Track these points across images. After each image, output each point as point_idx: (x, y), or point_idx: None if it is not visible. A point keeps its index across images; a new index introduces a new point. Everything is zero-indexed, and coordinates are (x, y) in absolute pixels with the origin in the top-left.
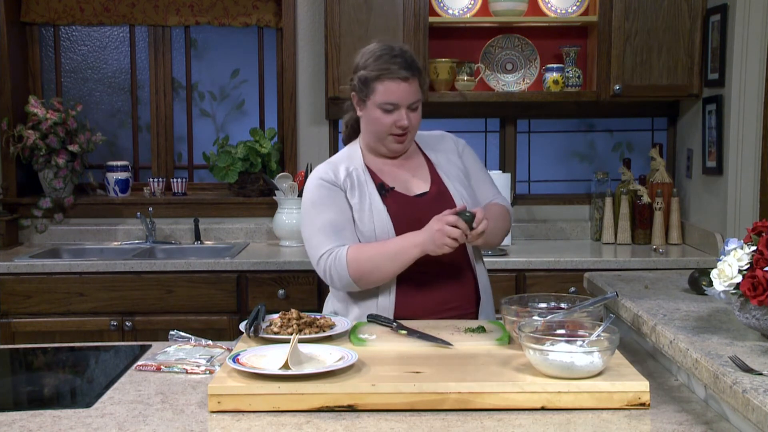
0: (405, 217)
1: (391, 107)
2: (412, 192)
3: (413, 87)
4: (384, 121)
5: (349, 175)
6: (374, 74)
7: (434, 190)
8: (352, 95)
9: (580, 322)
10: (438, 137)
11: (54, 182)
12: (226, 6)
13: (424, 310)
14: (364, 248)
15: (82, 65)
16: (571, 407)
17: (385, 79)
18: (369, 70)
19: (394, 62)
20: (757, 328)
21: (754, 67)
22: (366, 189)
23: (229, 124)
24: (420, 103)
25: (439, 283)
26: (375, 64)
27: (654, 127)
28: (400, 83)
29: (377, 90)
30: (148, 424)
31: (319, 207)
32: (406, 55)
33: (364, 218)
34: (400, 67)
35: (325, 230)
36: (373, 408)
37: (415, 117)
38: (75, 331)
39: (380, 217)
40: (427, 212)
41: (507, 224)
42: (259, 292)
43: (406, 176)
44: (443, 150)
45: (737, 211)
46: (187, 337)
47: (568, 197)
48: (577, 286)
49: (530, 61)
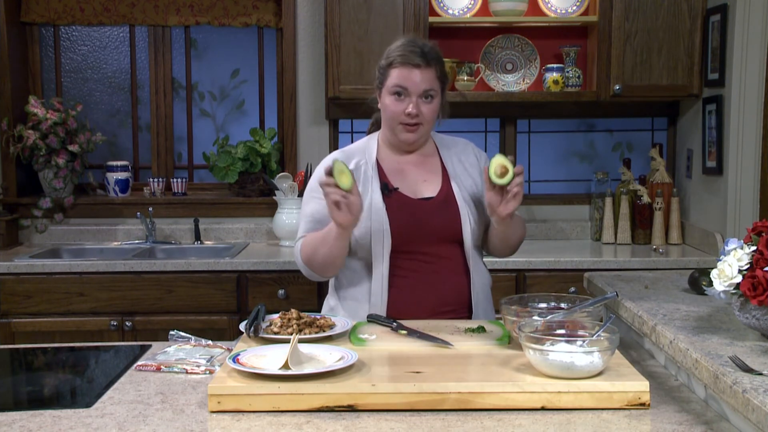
0: (404, 219)
1: (401, 91)
2: (417, 195)
3: (426, 75)
4: (394, 108)
5: (357, 169)
6: (389, 61)
7: (441, 197)
8: (375, 85)
9: (580, 322)
10: (460, 145)
11: (54, 182)
12: (226, 6)
13: (417, 311)
14: (310, 235)
15: (82, 65)
16: (571, 407)
17: (398, 64)
18: (388, 59)
19: (413, 50)
20: (757, 328)
21: (754, 67)
22: (370, 186)
23: (229, 124)
24: (436, 96)
25: (431, 284)
26: (394, 53)
27: (654, 127)
28: (412, 69)
29: (390, 75)
30: (148, 424)
31: (313, 194)
32: (426, 47)
33: (362, 215)
34: (416, 54)
35: (308, 218)
36: (373, 408)
37: (427, 109)
38: (75, 331)
39: (377, 215)
40: (429, 216)
41: (524, 232)
42: (259, 292)
43: (416, 178)
44: (463, 160)
45: (737, 211)
46: (187, 337)
47: (568, 197)
48: (577, 286)
49: (530, 61)
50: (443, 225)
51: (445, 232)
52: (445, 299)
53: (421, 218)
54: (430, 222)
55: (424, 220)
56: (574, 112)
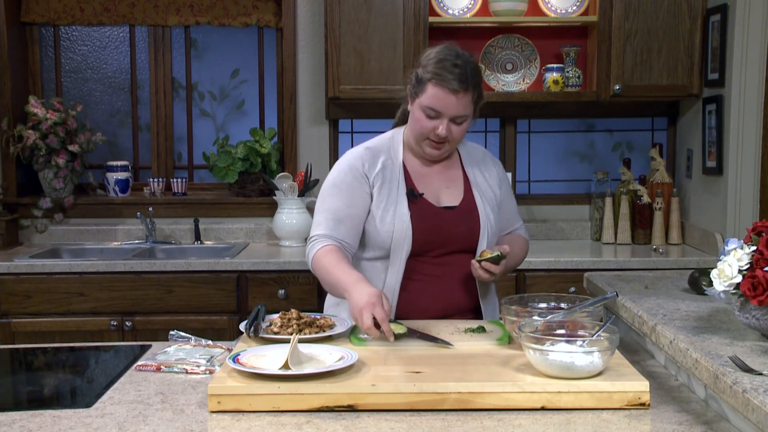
0: (426, 227)
1: (434, 114)
2: (440, 203)
3: (462, 101)
4: (424, 124)
5: (384, 170)
6: (428, 76)
7: (463, 206)
8: (408, 88)
9: (580, 322)
10: (483, 155)
11: (54, 182)
12: (226, 6)
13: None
14: (326, 257)
15: (82, 65)
16: (571, 407)
17: (437, 84)
18: (426, 70)
19: (452, 71)
20: (757, 328)
21: (754, 67)
22: (396, 190)
23: (229, 124)
24: (467, 119)
25: (441, 289)
26: (433, 67)
27: (654, 127)
28: (449, 94)
29: (426, 92)
30: (148, 424)
31: (335, 190)
32: (468, 67)
33: (386, 218)
34: (455, 78)
35: (327, 215)
36: (373, 408)
37: (457, 130)
38: (75, 331)
39: (402, 221)
40: (450, 226)
41: (524, 256)
42: (259, 292)
43: (439, 185)
44: (485, 170)
45: (737, 211)
46: (187, 337)
47: (568, 197)
48: (577, 286)
49: (530, 61)
50: (463, 235)
51: (464, 242)
52: (453, 304)
53: (443, 227)
54: (450, 231)
55: (446, 229)
56: (574, 112)
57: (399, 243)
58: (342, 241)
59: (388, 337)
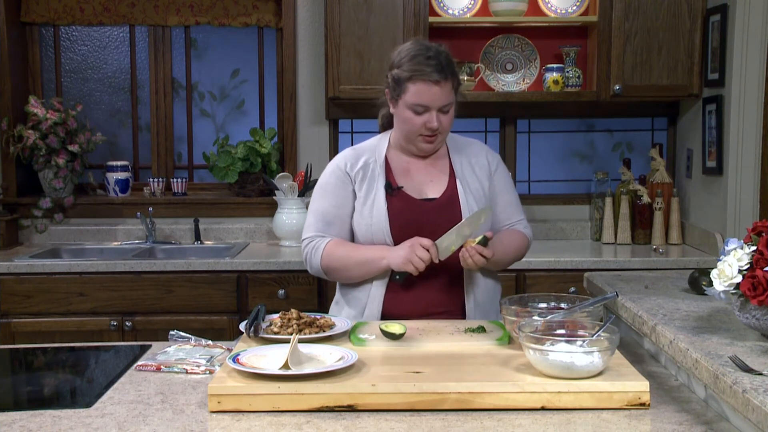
0: (404, 219)
1: (422, 109)
2: (421, 195)
3: (445, 90)
4: (414, 122)
5: (365, 167)
6: (407, 74)
7: (444, 198)
8: (386, 92)
9: (580, 322)
10: (473, 147)
11: (54, 182)
12: (226, 6)
13: (411, 309)
14: (340, 247)
15: (82, 65)
16: (571, 407)
17: (417, 80)
18: (402, 69)
19: (428, 64)
20: (757, 328)
21: (754, 67)
22: (375, 184)
23: (229, 124)
24: (452, 106)
25: (427, 284)
26: (409, 64)
27: (654, 127)
28: (432, 86)
29: (409, 90)
30: (148, 424)
31: (323, 192)
32: (441, 57)
33: (364, 212)
34: (434, 70)
35: (317, 216)
36: (373, 408)
37: (446, 119)
38: (75, 331)
39: (379, 214)
40: (430, 218)
41: (521, 252)
42: (259, 292)
43: (422, 178)
44: (473, 162)
45: (737, 211)
46: (187, 337)
47: (568, 197)
48: (577, 286)
49: (530, 61)
50: (443, 226)
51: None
52: (438, 300)
53: (422, 219)
54: (430, 223)
55: (425, 221)
56: (574, 112)
57: (379, 236)
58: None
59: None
